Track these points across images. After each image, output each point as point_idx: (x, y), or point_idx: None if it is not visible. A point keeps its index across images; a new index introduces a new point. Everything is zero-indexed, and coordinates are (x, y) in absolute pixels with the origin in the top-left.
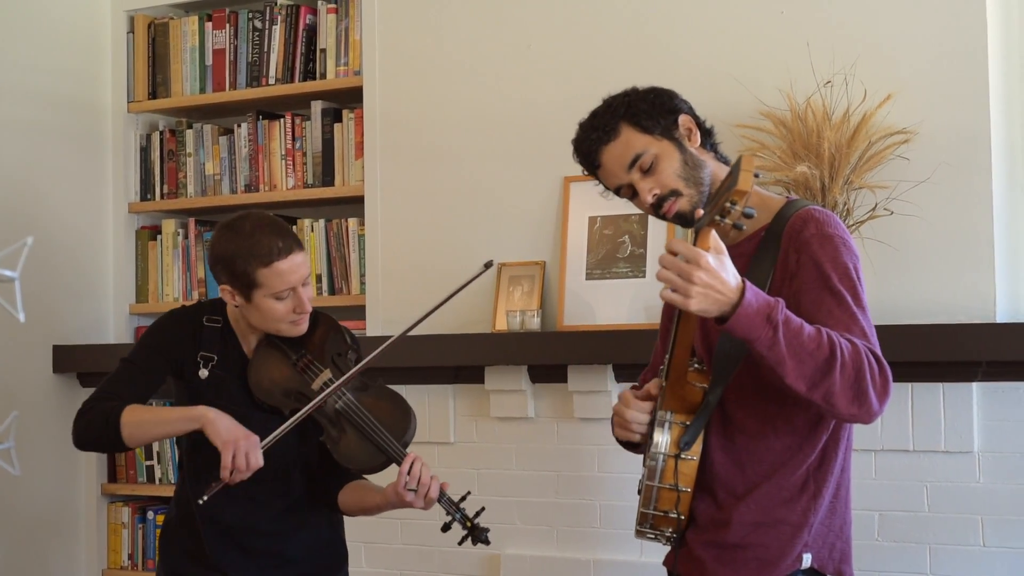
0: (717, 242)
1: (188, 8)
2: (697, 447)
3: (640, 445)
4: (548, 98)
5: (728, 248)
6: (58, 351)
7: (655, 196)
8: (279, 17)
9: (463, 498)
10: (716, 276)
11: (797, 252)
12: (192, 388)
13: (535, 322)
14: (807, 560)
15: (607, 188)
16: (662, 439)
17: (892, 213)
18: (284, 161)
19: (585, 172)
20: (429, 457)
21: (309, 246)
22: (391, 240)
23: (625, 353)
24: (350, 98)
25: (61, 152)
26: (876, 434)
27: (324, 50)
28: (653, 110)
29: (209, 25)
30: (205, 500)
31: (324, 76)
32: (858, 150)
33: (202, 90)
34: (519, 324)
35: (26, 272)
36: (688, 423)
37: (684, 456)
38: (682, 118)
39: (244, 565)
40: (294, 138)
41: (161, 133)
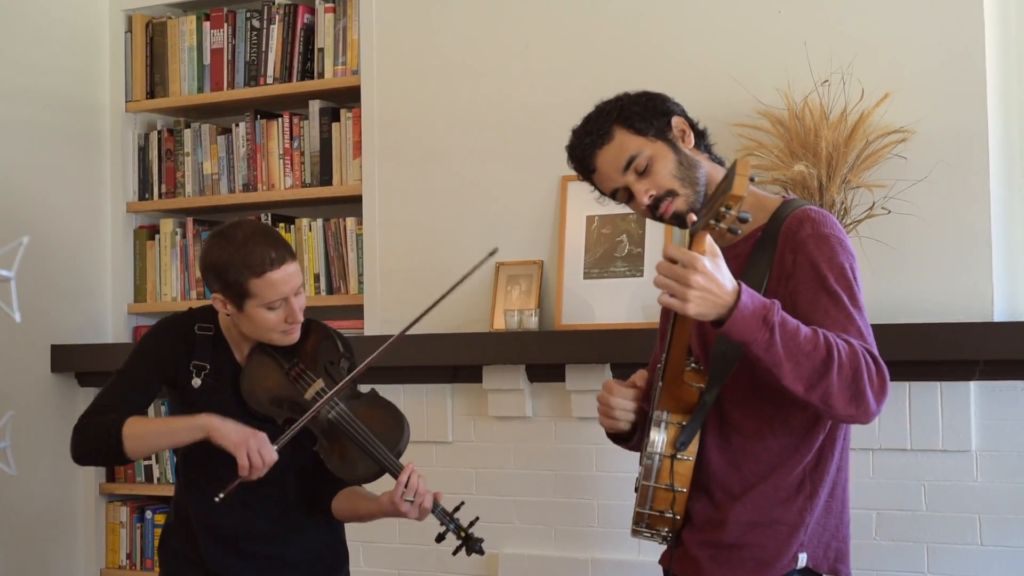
0: (712, 246)
1: (186, 7)
2: (693, 447)
3: (628, 438)
4: (546, 98)
5: (724, 249)
6: (56, 351)
7: (651, 197)
8: (277, 16)
9: (457, 508)
10: (712, 280)
11: (793, 252)
12: (185, 397)
13: (533, 321)
14: (803, 560)
15: (603, 193)
16: (658, 439)
17: (890, 212)
18: (282, 160)
19: (580, 178)
20: (427, 456)
21: (307, 246)
22: (389, 240)
23: (623, 352)
24: (348, 97)
25: (59, 152)
26: (874, 433)
27: (322, 49)
28: (646, 112)
29: (207, 24)
30: (222, 497)
31: (322, 75)
32: (855, 149)
33: (200, 89)
34: (517, 323)
35: (24, 272)
36: (684, 423)
37: (680, 456)
38: (675, 120)
39: (242, 569)
40: (292, 137)
41: (159, 132)
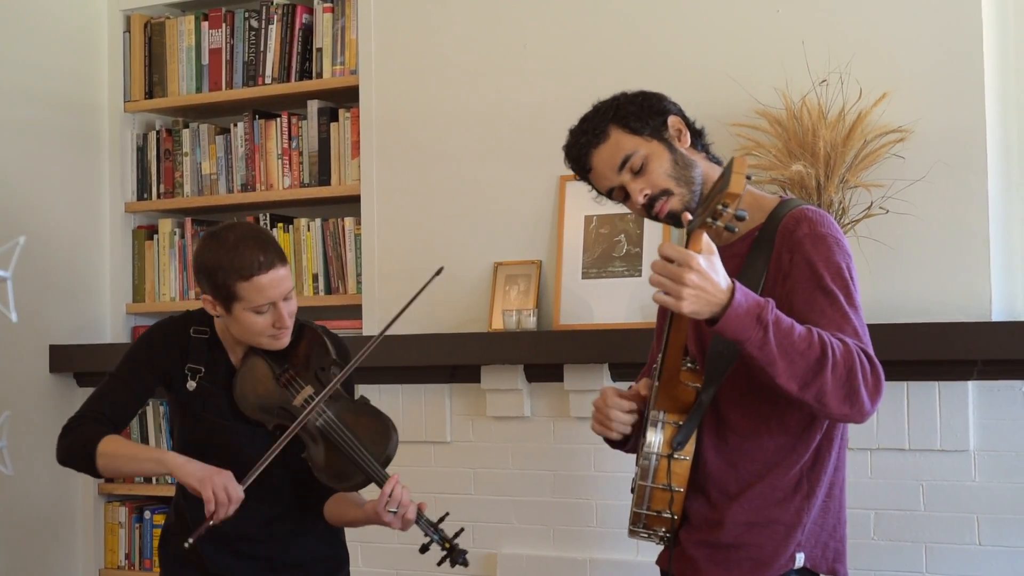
0: (708, 244)
1: (184, 7)
2: (690, 447)
3: (624, 442)
4: (544, 97)
5: (722, 248)
6: (54, 351)
7: (646, 196)
8: (275, 16)
9: (442, 519)
10: (707, 278)
11: (790, 252)
12: (180, 400)
13: (531, 321)
14: (800, 560)
15: (599, 192)
16: (655, 439)
17: (888, 212)
18: (280, 160)
19: (577, 177)
20: (425, 456)
21: (306, 246)
22: (387, 240)
23: (621, 352)
24: (346, 97)
25: (58, 152)
26: (872, 433)
27: (320, 49)
28: (641, 112)
29: (205, 24)
30: (190, 543)
31: (320, 75)
32: (853, 149)
33: (198, 89)
34: (515, 323)
35: (22, 272)
36: (681, 423)
37: (677, 456)
38: (671, 119)
39: (241, 569)
40: (290, 137)
41: (157, 132)
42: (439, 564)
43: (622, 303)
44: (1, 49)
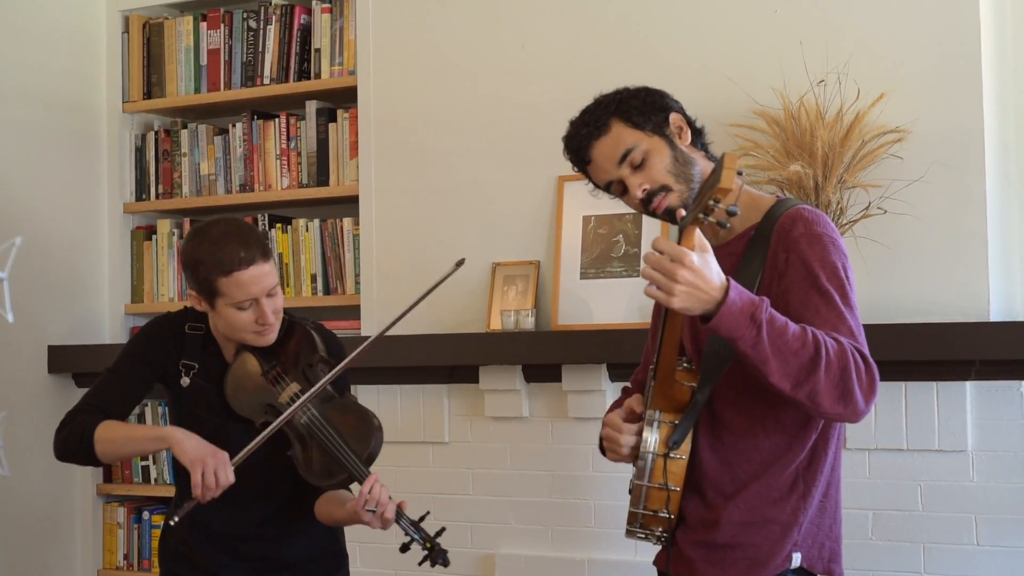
0: (702, 240)
1: (183, 8)
2: (686, 446)
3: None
4: (542, 98)
5: (718, 247)
6: (53, 351)
7: (645, 191)
8: (274, 17)
9: (422, 518)
10: (700, 275)
11: (786, 251)
12: (175, 395)
13: (529, 321)
14: (796, 559)
15: (596, 185)
16: (651, 438)
17: (885, 212)
18: (279, 161)
19: (575, 169)
20: (423, 457)
21: (304, 246)
22: (386, 240)
23: (619, 352)
24: (345, 98)
25: (56, 152)
26: (870, 433)
27: (319, 50)
28: (644, 107)
29: (204, 25)
30: (176, 521)
31: (319, 76)
32: (851, 149)
33: (197, 90)
34: (513, 324)
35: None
36: (676, 422)
37: (673, 455)
38: (673, 116)
39: (237, 569)
40: (289, 138)
41: (156, 133)
42: (420, 564)
43: (620, 303)
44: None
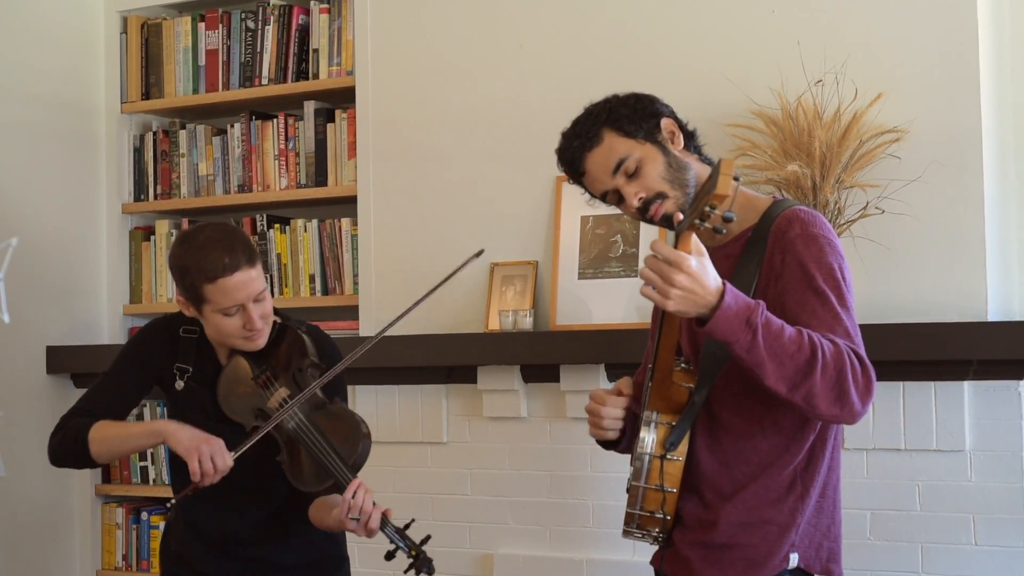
0: (698, 245)
1: (181, 8)
2: (683, 447)
3: (617, 443)
4: (540, 98)
5: (715, 249)
6: (51, 352)
7: (641, 200)
8: (272, 17)
9: (407, 525)
10: (696, 279)
11: (782, 252)
12: (171, 399)
13: (528, 322)
14: (794, 560)
15: (593, 195)
16: (648, 439)
17: (883, 212)
18: (277, 161)
19: (570, 181)
20: (422, 457)
21: (302, 246)
22: (384, 240)
23: (618, 352)
24: (343, 98)
25: (54, 153)
26: (868, 433)
27: (317, 50)
28: (635, 115)
29: (202, 26)
30: (173, 503)
31: (317, 76)
32: (849, 149)
33: (195, 90)
34: (512, 324)
35: (19, 273)
36: (674, 423)
37: (670, 456)
38: (664, 121)
39: (232, 571)
40: (287, 138)
41: (154, 134)
42: (405, 572)
43: (618, 303)
44: None
